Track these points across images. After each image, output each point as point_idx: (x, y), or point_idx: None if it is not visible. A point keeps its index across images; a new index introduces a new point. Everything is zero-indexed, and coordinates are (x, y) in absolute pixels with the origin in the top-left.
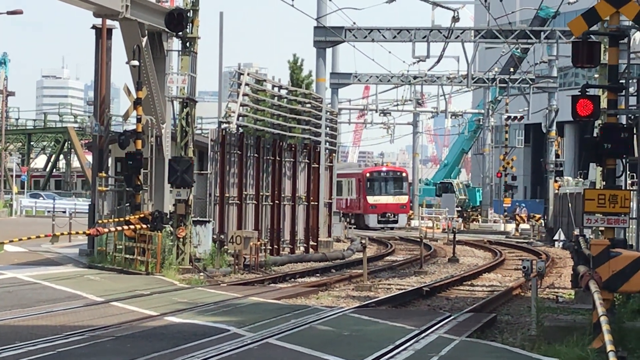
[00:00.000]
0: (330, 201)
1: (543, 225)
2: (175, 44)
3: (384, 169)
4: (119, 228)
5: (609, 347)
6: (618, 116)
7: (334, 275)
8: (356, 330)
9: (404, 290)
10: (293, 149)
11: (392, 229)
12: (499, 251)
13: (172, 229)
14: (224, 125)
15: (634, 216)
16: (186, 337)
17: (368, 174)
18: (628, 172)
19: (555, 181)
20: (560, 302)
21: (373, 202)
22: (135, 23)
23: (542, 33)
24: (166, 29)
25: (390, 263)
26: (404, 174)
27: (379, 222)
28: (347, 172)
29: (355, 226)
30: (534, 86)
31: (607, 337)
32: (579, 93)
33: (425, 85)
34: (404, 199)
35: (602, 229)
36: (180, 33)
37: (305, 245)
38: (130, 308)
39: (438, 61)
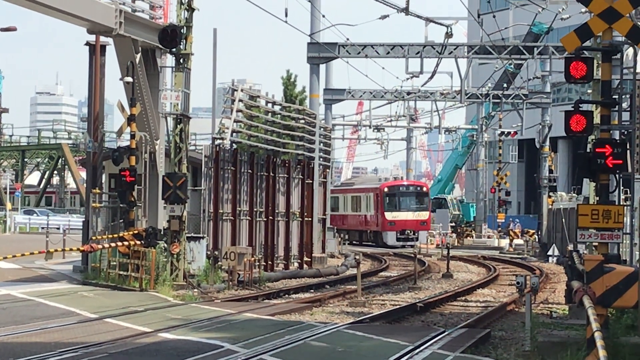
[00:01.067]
0: (325, 217)
1: (537, 240)
2: (169, 60)
3: (405, 183)
4: (113, 244)
5: None
6: (611, 131)
7: (328, 291)
8: (350, 346)
9: (398, 306)
10: (287, 164)
11: (412, 247)
12: (493, 267)
13: (166, 245)
14: (217, 141)
15: (627, 231)
16: (180, 353)
17: (386, 189)
18: (621, 188)
19: (549, 196)
20: (554, 318)
21: (391, 219)
22: (129, 40)
23: (535, 49)
24: (160, 46)
25: (385, 279)
26: (424, 189)
27: (398, 239)
28: (365, 186)
29: (374, 244)
30: (528, 102)
31: (602, 353)
32: (572, 108)
33: (419, 101)
34: (424, 215)
35: (596, 244)
36: (173, 49)
37: (299, 261)
38: (124, 324)
39: (431, 77)
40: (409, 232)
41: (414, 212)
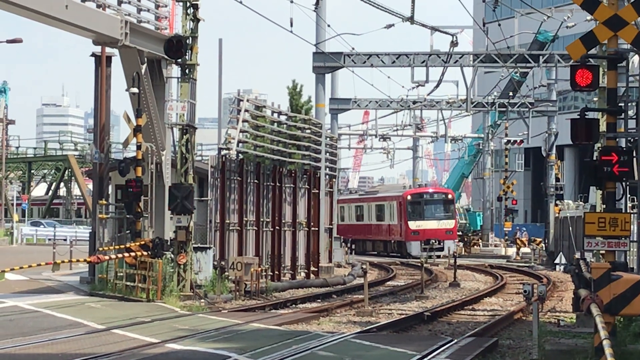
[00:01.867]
0: (331, 226)
1: (544, 249)
2: (175, 71)
3: (429, 190)
4: (120, 255)
5: None
6: (617, 139)
7: (335, 300)
8: (358, 355)
9: (405, 315)
10: (293, 174)
11: (438, 257)
12: (500, 275)
13: (172, 255)
14: (223, 152)
15: (634, 239)
16: None
17: (409, 197)
18: (628, 195)
19: (556, 205)
20: (562, 326)
21: (415, 228)
22: (135, 50)
23: (540, 57)
24: (165, 56)
25: (392, 288)
26: (449, 196)
27: (423, 249)
28: (388, 194)
29: (399, 255)
30: (534, 110)
31: None
32: (578, 116)
33: (425, 110)
34: (450, 224)
35: (603, 252)
36: (179, 60)
37: (306, 270)
38: (132, 335)
39: (437, 86)
40: (434, 241)
41: (439, 220)
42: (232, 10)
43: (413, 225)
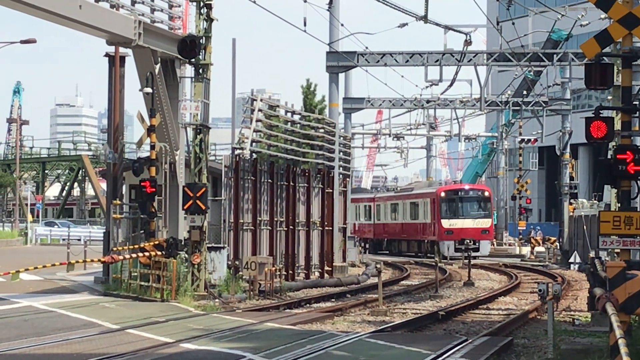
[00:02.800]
0: (345, 226)
1: (558, 248)
2: (188, 70)
3: (465, 187)
4: (134, 255)
5: None
6: (632, 138)
7: (349, 300)
8: (372, 355)
9: (419, 315)
10: (307, 174)
11: (475, 257)
12: (515, 274)
13: (186, 255)
14: (237, 151)
15: None
16: None
17: (443, 194)
18: None
19: (570, 204)
20: (577, 325)
21: (449, 227)
22: (148, 50)
23: (554, 55)
24: (179, 56)
25: (406, 287)
26: (486, 193)
27: (457, 249)
28: (422, 191)
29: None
30: (547, 109)
31: None
32: (593, 115)
33: (439, 109)
34: (486, 223)
35: (618, 250)
36: (193, 60)
37: (320, 270)
38: (146, 335)
39: (451, 85)
40: (468, 241)
41: (474, 219)
42: (245, 10)
43: (446, 223)
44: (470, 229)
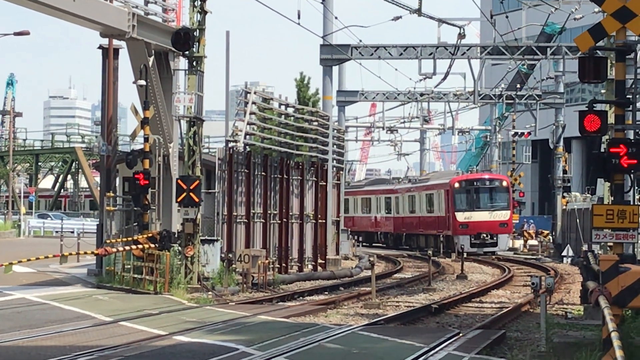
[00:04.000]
0: (338, 219)
1: (551, 241)
2: (182, 63)
3: (484, 176)
4: (127, 248)
5: None
6: (625, 131)
7: (342, 293)
8: (365, 348)
9: (412, 308)
10: (300, 167)
11: (493, 253)
12: (507, 268)
13: (180, 248)
14: (231, 144)
15: None
16: (195, 356)
17: (457, 184)
18: (636, 187)
19: (563, 197)
20: (570, 318)
21: (464, 220)
22: (142, 43)
23: (548, 49)
24: (173, 49)
25: (399, 280)
26: (504, 183)
27: (472, 244)
28: (437, 182)
29: (448, 250)
30: (541, 102)
31: (619, 353)
32: (586, 108)
33: (432, 102)
34: (505, 215)
35: (611, 244)
36: (186, 52)
37: (313, 263)
38: (139, 328)
39: (444, 78)
40: (485, 235)
41: (492, 211)
42: (239, 3)
43: (461, 217)
44: (487, 222)
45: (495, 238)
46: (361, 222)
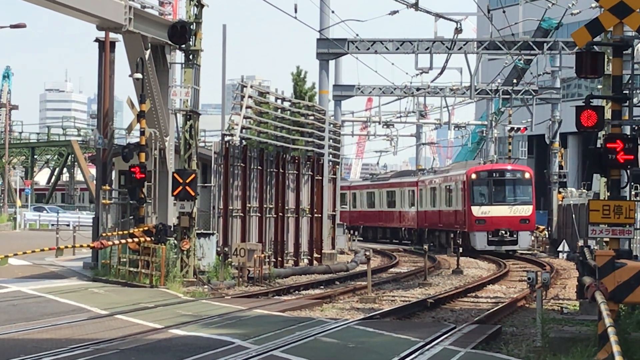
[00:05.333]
0: (334, 213)
1: (547, 236)
2: (179, 56)
3: (506, 166)
4: (123, 241)
5: (618, 358)
6: (622, 127)
7: (338, 287)
8: (361, 342)
9: (408, 302)
10: (296, 161)
11: (514, 252)
12: (503, 263)
13: (176, 241)
14: (227, 138)
15: (638, 227)
16: (191, 349)
17: (473, 175)
18: (632, 183)
19: (559, 192)
20: (565, 314)
21: (480, 215)
22: (139, 36)
23: (545, 44)
24: (169, 42)
25: (395, 275)
26: (527, 174)
27: (490, 242)
28: (455, 173)
29: (461, 248)
30: (537, 97)
31: (615, 348)
32: (583, 104)
33: (428, 97)
34: (526, 210)
35: (607, 239)
36: (183, 46)
37: (309, 257)
38: (135, 321)
39: (441, 73)
40: (504, 232)
41: (512, 205)
42: None
43: (477, 211)
44: (506, 218)
45: (515, 235)
46: (386, 217)
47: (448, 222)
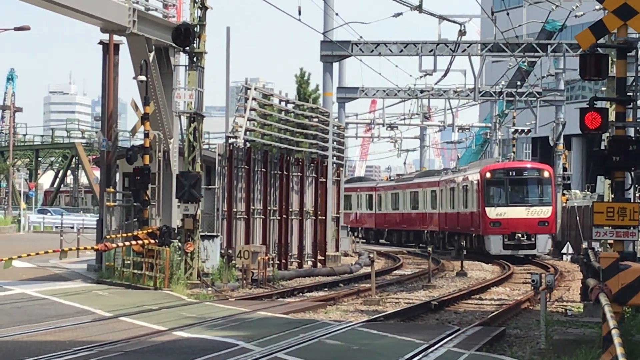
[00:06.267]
0: (338, 215)
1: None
2: (183, 59)
3: (528, 165)
4: (127, 243)
5: None
6: (626, 129)
7: (342, 289)
8: (365, 344)
9: (412, 304)
10: (300, 163)
11: (533, 257)
12: (507, 265)
13: (180, 244)
14: (231, 140)
15: None
16: (195, 352)
17: (488, 174)
18: (636, 185)
19: (563, 194)
20: (569, 316)
21: (495, 217)
22: (143, 38)
23: (549, 46)
24: (173, 44)
25: (399, 277)
26: (545, 173)
27: (505, 246)
28: (471, 172)
29: (480, 253)
30: (541, 99)
31: (619, 350)
32: (587, 106)
33: (432, 99)
34: (545, 212)
35: (611, 242)
36: (187, 48)
37: (313, 259)
38: (139, 323)
39: (445, 75)
40: (520, 235)
41: (529, 207)
42: None
43: (492, 213)
44: (523, 220)
45: (533, 239)
46: (409, 219)
47: (465, 225)
